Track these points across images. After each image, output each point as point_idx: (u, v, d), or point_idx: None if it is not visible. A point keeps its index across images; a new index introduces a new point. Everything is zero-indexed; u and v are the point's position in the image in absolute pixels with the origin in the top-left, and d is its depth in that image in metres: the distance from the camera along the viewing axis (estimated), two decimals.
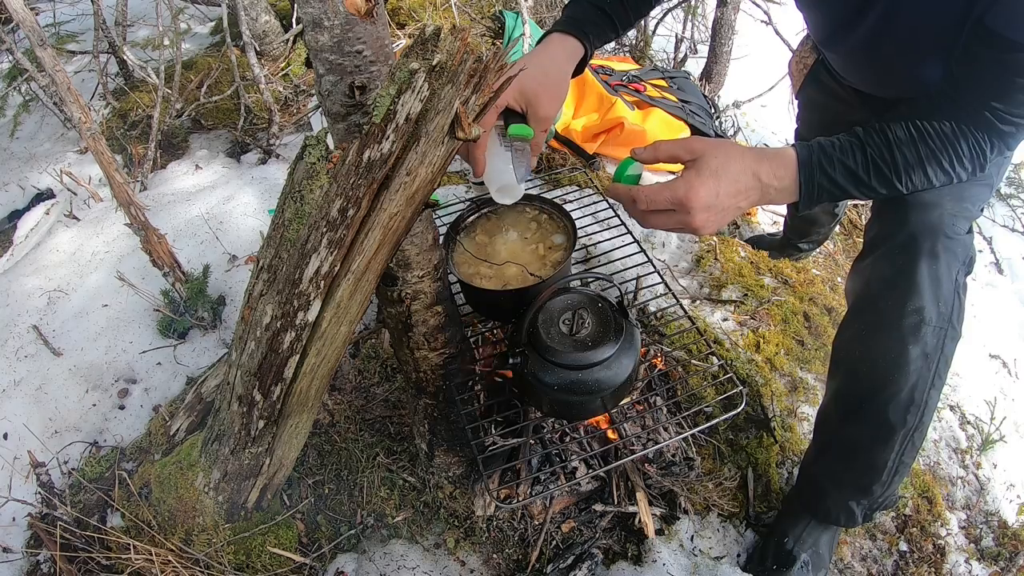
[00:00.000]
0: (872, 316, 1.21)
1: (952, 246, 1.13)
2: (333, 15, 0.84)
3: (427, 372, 1.33)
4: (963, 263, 1.16)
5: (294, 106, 3.00)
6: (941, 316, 1.14)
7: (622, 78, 2.63)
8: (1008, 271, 2.51)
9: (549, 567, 1.41)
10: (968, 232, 1.18)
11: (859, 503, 1.32)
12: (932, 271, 1.13)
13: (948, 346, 1.16)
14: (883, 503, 1.33)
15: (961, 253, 1.15)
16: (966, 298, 1.18)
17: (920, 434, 1.23)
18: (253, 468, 1.32)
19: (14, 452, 1.73)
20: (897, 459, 1.24)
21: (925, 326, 1.14)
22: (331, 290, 0.99)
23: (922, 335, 1.14)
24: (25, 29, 1.59)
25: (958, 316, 1.16)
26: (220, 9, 3.37)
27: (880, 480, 1.27)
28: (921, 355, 1.15)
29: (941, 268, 1.13)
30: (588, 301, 1.26)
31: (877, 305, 1.19)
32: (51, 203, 2.73)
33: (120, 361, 1.93)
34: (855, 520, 1.34)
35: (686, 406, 1.63)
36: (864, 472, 1.28)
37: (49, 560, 1.50)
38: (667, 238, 2.21)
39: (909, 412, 1.19)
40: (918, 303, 1.13)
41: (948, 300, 1.14)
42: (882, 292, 1.18)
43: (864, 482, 1.29)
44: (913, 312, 1.14)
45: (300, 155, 0.88)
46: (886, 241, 1.19)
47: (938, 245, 1.13)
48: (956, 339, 1.17)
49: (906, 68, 1.20)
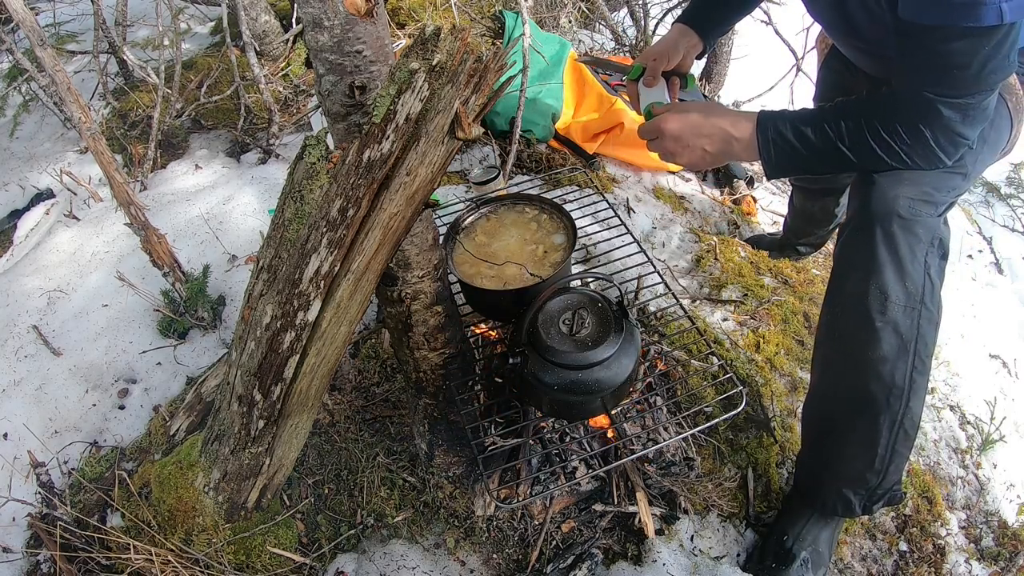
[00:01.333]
0: (840, 297, 1.25)
1: (910, 226, 1.16)
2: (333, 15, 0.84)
3: (427, 372, 1.33)
4: (930, 244, 1.17)
5: (294, 106, 3.00)
6: (910, 296, 1.17)
7: (622, 78, 2.62)
8: (1008, 271, 2.51)
9: (549, 567, 1.41)
10: (935, 216, 1.19)
11: (855, 492, 1.32)
12: (891, 249, 1.16)
13: (925, 328, 1.18)
14: (883, 495, 1.32)
15: (924, 234, 1.17)
16: (941, 282, 1.19)
17: (911, 421, 1.24)
18: (253, 468, 1.32)
19: (14, 452, 1.73)
20: (889, 447, 1.25)
21: (891, 304, 1.17)
22: (331, 290, 0.99)
23: (889, 313, 1.17)
24: (25, 29, 1.59)
25: (931, 298, 1.18)
26: (220, 9, 3.37)
27: (873, 468, 1.28)
28: (892, 333, 1.17)
29: (901, 247, 1.16)
30: (588, 301, 1.26)
31: (844, 287, 1.24)
32: (51, 203, 2.73)
33: (120, 361, 1.93)
34: (853, 510, 1.34)
35: (686, 406, 1.63)
36: (855, 459, 1.29)
37: (49, 560, 1.50)
38: (667, 238, 2.21)
39: (891, 395, 1.20)
40: (879, 280, 1.17)
41: (917, 280, 1.16)
42: (846, 273, 1.23)
43: (857, 470, 1.30)
44: (876, 290, 1.17)
45: (300, 155, 0.88)
46: (848, 224, 1.24)
47: (893, 225, 1.16)
48: (933, 321, 1.19)
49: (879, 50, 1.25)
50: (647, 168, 2.50)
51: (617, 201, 2.28)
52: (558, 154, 2.46)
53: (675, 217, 2.34)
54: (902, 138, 1.09)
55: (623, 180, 2.43)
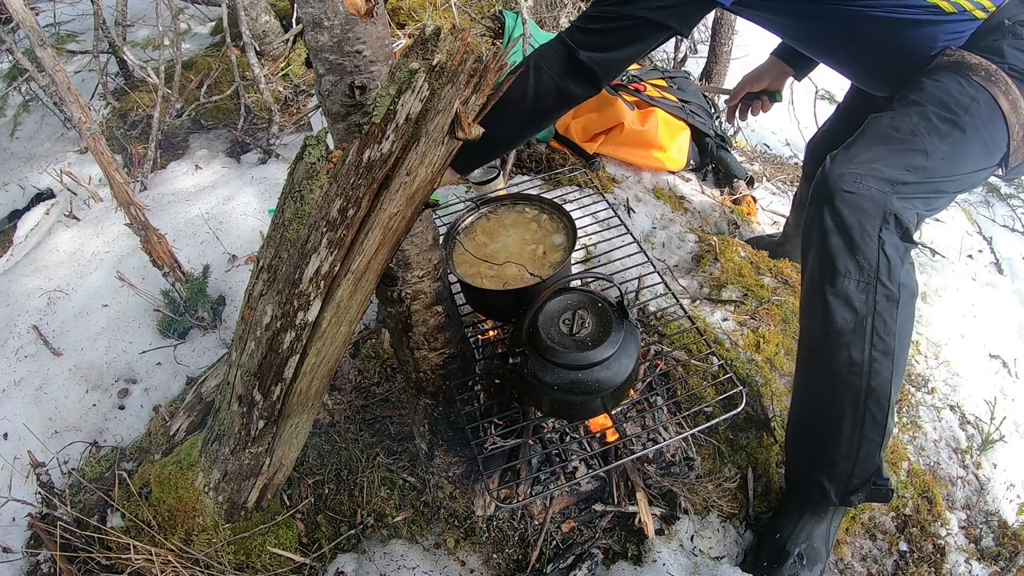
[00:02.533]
0: (804, 276, 1.29)
1: (855, 200, 1.19)
2: (333, 15, 0.84)
3: (427, 372, 1.33)
4: (883, 220, 1.19)
5: (294, 106, 3.00)
6: (863, 270, 1.19)
7: (622, 78, 2.62)
8: (1008, 271, 2.51)
9: (549, 567, 1.41)
10: (886, 192, 1.20)
11: (830, 479, 1.33)
12: (837, 222, 1.19)
13: (883, 304, 1.19)
14: (860, 485, 1.32)
15: (871, 208, 1.19)
16: (903, 260, 1.21)
17: (876, 404, 1.24)
18: (253, 468, 1.32)
19: (14, 452, 1.73)
20: (857, 429, 1.26)
21: (840, 276, 1.20)
22: (331, 290, 0.99)
23: (839, 284, 1.20)
24: (25, 29, 1.59)
25: (888, 274, 1.19)
26: (220, 9, 3.37)
27: (839, 450, 1.29)
28: (844, 305, 1.20)
29: (848, 220, 1.19)
30: (588, 301, 1.26)
31: (805, 265, 1.28)
32: (51, 203, 2.74)
33: (120, 361, 1.93)
34: (828, 498, 1.34)
35: (686, 406, 1.63)
36: (823, 441, 1.31)
37: (49, 560, 1.50)
38: (667, 238, 2.21)
39: (851, 372, 1.22)
40: (826, 252, 1.21)
41: (869, 256, 1.18)
42: (806, 251, 1.27)
43: (826, 453, 1.31)
44: (825, 260, 1.21)
45: (300, 155, 0.88)
46: (804, 203, 1.31)
47: (835, 199, 1.20)
48: (894, 299, 1.20)
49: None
50: (647, 168, 2.50)
51: (617, 201, 2.28)
52: (558, 154, 2.46)
53: (675, 217, 2.34)
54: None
55: (623, 180, 2.43)
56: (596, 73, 1.42)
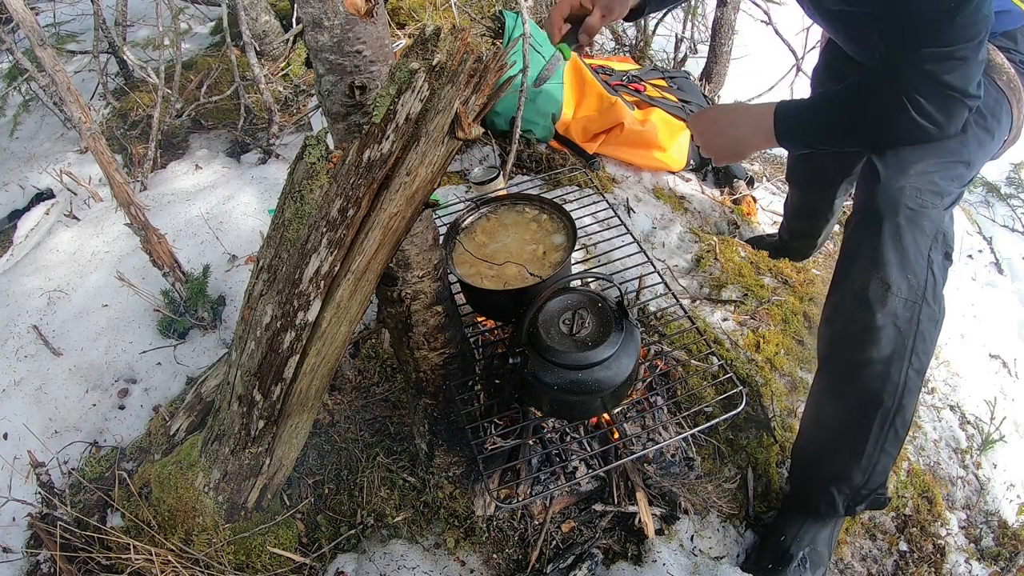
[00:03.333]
0: (843, 287, 1.25)
1: (916, 218, 1.16)
2: (333, 15, 0.84)
3: (427, 372, 1.33)
4: (934, 239, 1.17)
5: (294, 106, 3.00)
6: (912, 289, 1.16)
7: (622, 78, 2.62)
8: (1008, 271, 2.51)
9: (549, 567, 1.41)
10: (940, 208, 1.19)
11: (840, 491, 1.31)
12: (896, 241, 1.16)
13: (925, 324, 1.17)
14: (866, 496, 1.31)
15: (928, 227, 1.16)
16: (944, 279, 1.19)
17: (902, 420, 1.23)
18: (253, 468, 1.32)
19: (14, 452, 1.73)
20: (878, 444, 1.24)
21: (892, 296, 1.16)
22: (331, 290, 0.99)
23: (889, 304, 1.16)
24: (25, 29, 1.59)
25: (933, 293, 1.17)
26: (220, 9, 3.37)
27: (859, 465, 1.26)
28: (891, 325, 1.17)
29: (906, 239, 1.16)
30: (588, 301, 1.26)
31: (847, 277, 1.24)
32: (51, 203, 2.73)
33: (120, 361, 1.93)
34: (836, 509, 1.33)
35: (686, 406, 1.63)
36: (842, 455, 1.28)
37: (49, 560, 1.50)
38: (667, 238, 2.21)
39: (885, 390, 1.19)
40: (882, 272, 1.17)
41: (919, 275, 1.16)
42: (850, 263, 1.23)
43: (843, 466, 1.29)
44: (878, 280, 1.17)
45: (300, 155, 0.88)
46: (856, 214, 1.25)
47: (899, 216, 1.16)
48: (935, 319, 1.19)
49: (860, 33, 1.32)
50: (647, 168, 2.50)
51: (617, 201, 2.28)
52: (558, 154, 2.46)
53: (675, 217, 2.34)
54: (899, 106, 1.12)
55: (623, 180, 2.43)
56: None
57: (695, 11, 3.50)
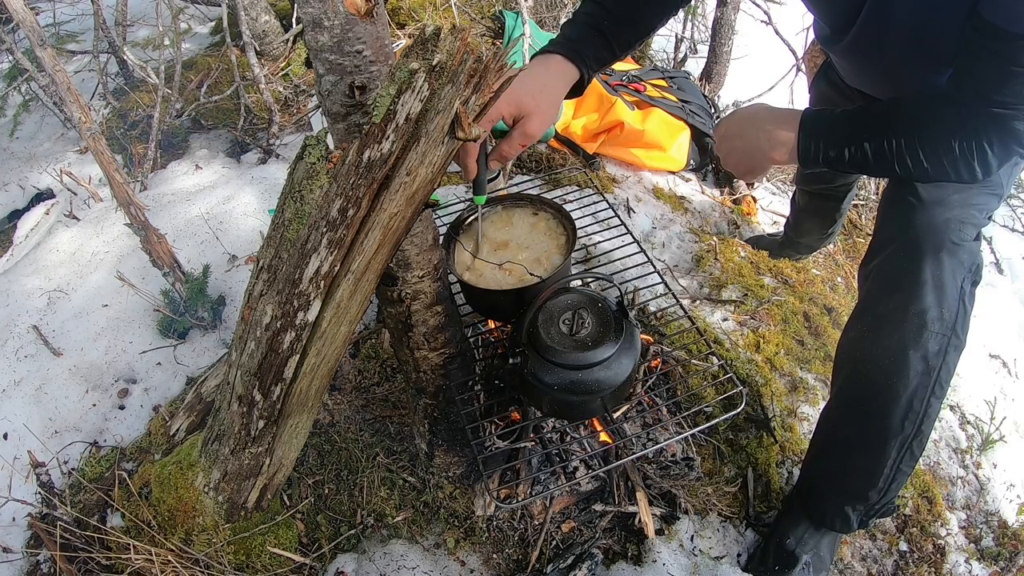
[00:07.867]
0: (874, 318, 1.20)
1: (957, 252, 1.13)
2: (333, 15, 0.84)
3: (427, 372, 1.33)
4: (969, 270, 1.14)
5: (294, 106, 3.00)
6: (944, 323, 1.13)
7: (622, 78, 2.62)
8: (1008, 271, 2.51)
9: (549, 567, 1.41)
10: (975, 240, 1.16)
11: (855, 508, 1.32)
12: (936, 275, 1.12)
13: (951, 355, 1.15)
14: (880, 510, 1.32)
15: (967, 260, 1.13)
16: (972, 306, 1.16)
17: (919, 443, 1.22)
18: (253, 468, 1.32)
19: (14, 452, 1.73)
20: (895, 467, 1.23)
21: (927, 331, 1.13)
22: (331, 290, 0.99)
23: (923, 340, 1.13)
24: (25, 29, 1.59)
25: (962, 325, 1.15)
26: (220, 9, 3.36)
27: (876, 486, 1.26)
28: (922, 360, 1.14)
29: (946, 274, 1.12)
30: (588, 301, 1.26)
31: (880, 307, 1.19)
32: (51, 203, 2.73)
33: (120, 361, 1.93)
34: (850, 526, 1.33)
35: (686, 406, 1.63)
36: (860, 476, 1.28)
37: (49, 560, 1.50)
38: (667, 238, 2.21)
39: (907, 419, 1.18)
40: (920, 306, 1.13)
41: (952, 307, 1.13)
42: (885, 294, 1.18)
43: (860, 487, 1.29)
44: (915, 315, 1.13)
45: (300, 155, 0.88)
46: (892, 243, 1.19)
47: (943, 250, 1.12)
48: (959, 349, 1.16)
49: (900, 72, 1.21)
50: (647, 168, 2.50)
51: (617, 201, 2.28)
52: (558, 154, 2.46)
53: (675, 217, 2.34)
54: (959, 152, 1.04)
55: (623, 180, 2.43)
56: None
57: (695, 11, 3.50)
